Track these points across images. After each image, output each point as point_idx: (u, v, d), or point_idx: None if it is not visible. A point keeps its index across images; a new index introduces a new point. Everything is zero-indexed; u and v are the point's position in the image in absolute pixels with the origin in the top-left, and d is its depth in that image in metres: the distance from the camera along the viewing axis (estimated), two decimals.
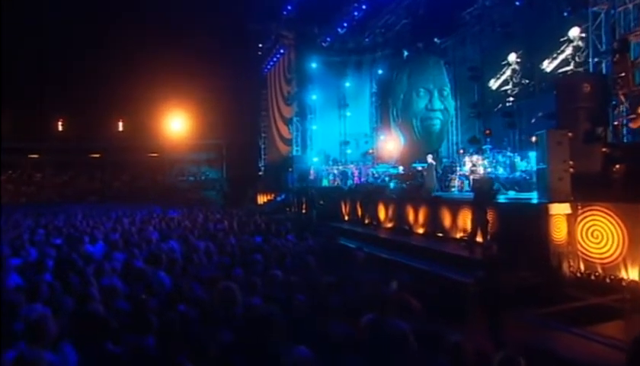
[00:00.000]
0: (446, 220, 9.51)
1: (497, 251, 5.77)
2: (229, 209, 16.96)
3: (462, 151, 17.02)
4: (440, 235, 9.50)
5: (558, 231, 6.85)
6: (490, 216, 7.69)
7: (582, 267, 6.78)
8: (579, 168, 7.17)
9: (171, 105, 34.07)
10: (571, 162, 7.09)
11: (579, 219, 6.87)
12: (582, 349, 4.54)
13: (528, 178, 13.06)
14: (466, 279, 6.99)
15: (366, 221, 12.75)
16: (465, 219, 8.86)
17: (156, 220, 11.93)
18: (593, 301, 5.63)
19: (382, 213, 12.21)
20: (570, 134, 7.12)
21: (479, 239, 7.92)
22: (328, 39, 20.95)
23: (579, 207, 6.89)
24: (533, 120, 15.12)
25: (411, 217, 10.87)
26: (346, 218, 14.47)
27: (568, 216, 6.89)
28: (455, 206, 9.37)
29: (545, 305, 6.16)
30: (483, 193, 7.55)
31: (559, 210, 6.88)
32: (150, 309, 3.96)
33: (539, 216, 6.96)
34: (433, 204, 10.08)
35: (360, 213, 13.34)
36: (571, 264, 6.80)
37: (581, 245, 6.81)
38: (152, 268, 5.63)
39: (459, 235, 9.13)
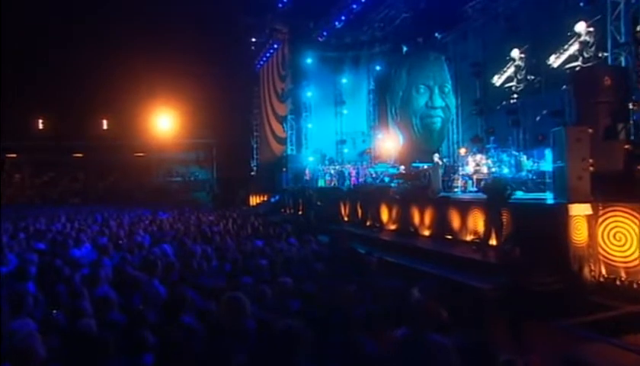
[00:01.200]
0: (455, 222, 9.29)
1: (519, 255, 5.53)
2: (221, 210, 16.58)
3: (464, 150, 16.94)
4: (449, 237, 9.27)
5: (579, 233, 6.65)
6: (504, 217, 7.48)
7: (604, 271, 6.59)
8: (599, 167, 6.99)
9: (158, 103, 33.55)
10: (590, 160, 6.90)
11: (600, 220, 6.68)
12: (621, 361, 4.33)
13: (535, 177, 12.99)
14: (481, 284, 6.78)
15: (368, 223, 12.53)
16: (476, 220, 8.65)
17: (146, 223, 11.56)
18: (629, 309, 5.43)
19: (384, 215, 11.98)
20: (590, 130, 6.93)
21: (493, 241, 7.70)
22: (325, 33, 20.68)
23: (600, 208, 6.70)
24: (538, 118, 15.07)
25: (416, 219, 10.65)
26: (345, 219, 14.23)
27: (589, 217, 6.70)
28: (464, 206, 9.16)
29: (569, 312, 5.96)
30: (497, 193, 7.33)
31: (579, 210, 6.68)
32: (148, 323, 3.65)
33: (558, 217, 6.76)
34: (441, 205, 9.86)
35: (360, 214, 13.12)
36: (592, 268, 6.61)
37: (603, 248, 6.62)
38: (146, 276, 5.31)
39: (469, 237, 8.92)
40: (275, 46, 24.37)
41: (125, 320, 3.76)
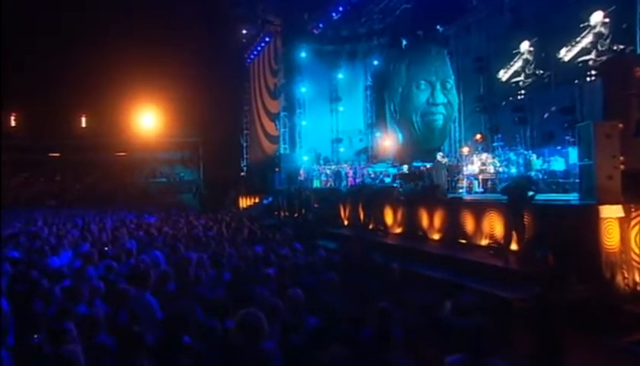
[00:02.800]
0: (469, 225, 8.98)
1: (553, 262, 5.20)
2: (212, 213, 16.10)
3: (467, 149, 16.71)
4: (463, 241, 8.94)
5: (610, 237, 6.35)
6: (526, 220, 7.16)
7: (638, 278, 6.30)
8: (631, 165, 6.71)
9: (141, 99, 32.85)
10: (621, 158, 6.62)
11: (633, 223, 6.39)
12: None
13: (546, 177, 12.78)
14: (506, 293, 6.46)
15: (370, 226, 12.19)
16: (492, 223, 8.34)
17: (131, 227, 11.03)
18: None
19: (389, 217, 11.66)
20: (620, 125, 6.65)
21: (514, 246, 7.38)
22: (320, 25, 20.40)
23: (632, 210, 6.42)
24: (546, 115, 14.91)
25: (424, 222, 10.33)
26: (345, 223, 13.87)
27: (621, 219, 6.41)
28: (478, 208, 8.85)
29: (602, 324, 5.66)
30: (519, 193, 7.01)
31: (611, 212, 6.38)
32: (145, 346, 3.21)
33: (588, 220, 6.45)
34: (452, 207, 9.55)
35: (362, 217, 12.75)
36: (626, 275, 6.31)
37: (636, 254, 6.34)
38: (136, 288, 4.85)
39: (484, 241, 8.60)
40: (267, 38, 24.01)
41: (116, 343, 3.30)
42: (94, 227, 11.37)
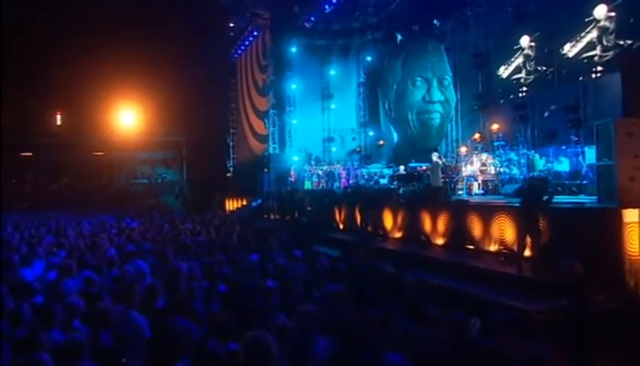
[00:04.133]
0: (476, 229, 8.72)
1: (581, 271, 4.93)
2: (198, 216, 15.65)
3: (465, 148, 16.54)
4: (471, 247, 8.68)
5: (633, 243, 6.13)
6: (542, 224, 6.90)
7: None
8: None
9: (120, 95, 32.17)
10: None
11: None
12: None
13: (550, 178, 12.62)
14: (523, 304, 6.18)
15: (368, 230, 11.89)
16: (502, 228, 8.09)
17: (112, 232, 10.53)
18: None
19: (388, 221, 11.41)
20: None
21: (527, 252, 7.12)
22: (312, 18, 20.05)
23: None
24: (547, 114, 14.81)
25: (427, 226, 10.08)
26: (341, 226, 13.61)
27: None
28: (487, 212, 8.60)
29: (629, 336, 5.40)
30: (535, 196, 6.75)
31: (634, 216, 6.16)
32: None
33: (609, 224, 6.23)
34: (458, 210, 9.29)
35: (359, 220, 12.49)
36: None
37: None
38: (120, 304, 4.42)
39: (493, 247, 8.34)
40: (255, 32, 23.61)
41: None
42: (72, 232, 10.84)
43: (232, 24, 25.28)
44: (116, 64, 27.77)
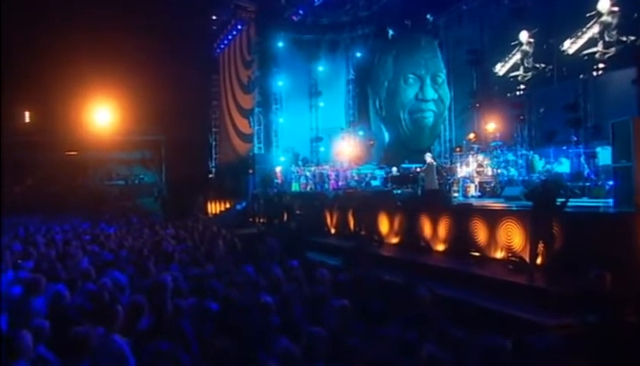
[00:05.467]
0: (480, 235, 8.46)
1: (610, 282, 4.66)
2: (179, 220, 15.13)
3: (459, 149, 16.38)
4: (476, 254, 8.40)
5: None
6: (555, 230, 6.65)
7: None
8: None
9: (94, 92, 31.33)
10: None
11: None
12: None
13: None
14: (539, 318, 5.90)
15: (363, 235, 11.58)
16: (510, 233, 7.84)
17: (86, 238, 9.97)
18: None
19: (384, 226, 11.12)
20: None
21: (539, 260, 6.85)
22: (300, 12, 19.78)
23: None
24: (542, 109, 14.73)
25: (426, 231, 9.80)
26: (332, 231, 13.29)
27: None
28: (492, 216, 8.35)
29: None
30: (548, 199, 6.49)
31: None
32: None
33: (630, 231, 5.98)
34: (460, 215, 9.01)
35: (352, 225, 12.19)
36: None
37: None
38: (99, 326, 3.98)
39: (499, 254, 8.08)
40: (239, 26, 23.22)
41: None
42: (41, 239, 10.22)
43: (214, 17, 24.95)
44: (90, 58, 27.02)
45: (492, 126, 15.46)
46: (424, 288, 4.54)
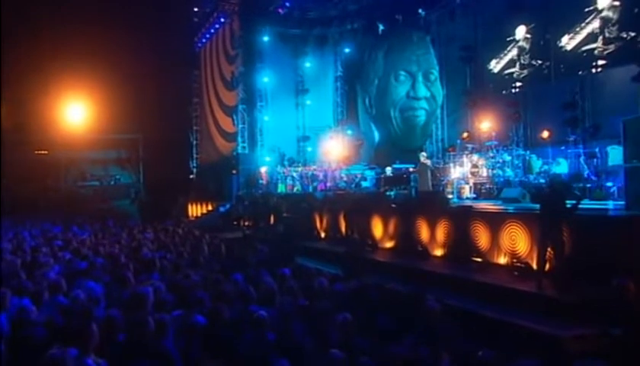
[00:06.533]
0: (482, 239, 8.24)
1: (634, 291, 4.43)
2: (157, 223, 14.72)
3: (452, 149, 16.25)
4: (477, 259, 8.18)
5: None
6: (565, 234, 6.43)
7: None
8: None
9: (67, 87, 30.57)
10: None
11: None
12: None
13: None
14: (549, 329, 5.67)
15: (356, 239, 11.33)
16: (515, 237, 7.62)
17: (57, 244, 9.48)
18: None
19: (377, 229, 10.89)
20: None
21: (547, 266, 6.63)
22: (286, 4, 19.58)
23: None
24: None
25: (424, 235, 9.56)
26: (322, 235, 13.08)
27: None
28: (495, 219, 8.14)
29: None
30: (556, 201, 6.27)
31: None
32: None
33: None
34: (460, 217, 8.79)
35: (344, 228, 11.94)
36: None
37: None
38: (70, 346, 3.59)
39: (502, 259, 7.87)
40: (222, 19, 22.85)
41: None
42: (7, 245, 9.69)
43: (195, 9, 24.66)
44: (63, 52, 26.39)
45: (486, 125, 15.34)
46: (432, 299, 4.24)
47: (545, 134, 14.35)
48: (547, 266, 6.60)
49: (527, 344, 5.73)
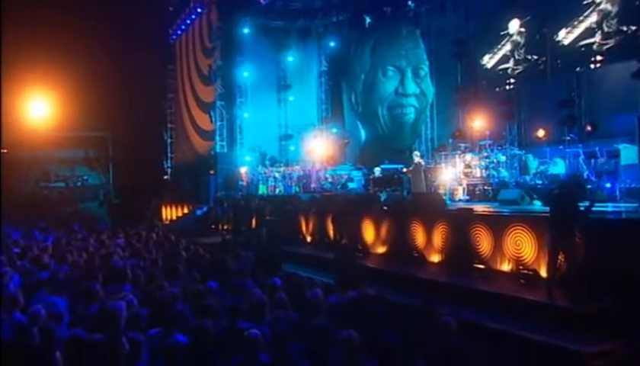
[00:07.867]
0: (484, 244, 8.01)
1: None
2: (129, 228, 14.26)
3: (443, 149, 16.16)
4: (480, 266, 7.94)
5: None
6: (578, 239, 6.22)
7: None
8: None
9: (29, 82, 29.75)
10: None
11: None
12: None
13: (546, 182, 12.28)
14: (564, 343, 5.43)
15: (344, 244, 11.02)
16: (520, 242, 7.41)
17: (15, 252, 8.93)
18: None
19: (368, 234, 10.64)
20: None
21: (558, 273, 6.42)
22: None
23: None
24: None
25: (419, 239, 9.32)
26: (308, 239, 12.82)
27: None
28: (498, 223, 7.91)
29: None
30: (569, 203, 6.06)
31: None
32: None
33: None
34: (459, 221, 8.57)
35: (332, 233, 11.71)
36: None
37: None
38: None
39: (506, 266, 7.66)
40: (198, 9, 22.51)
41: None
42: None
43: None
44: (25, 43, 25.55)
45: (479, 123, 15.30)
46: (447, 314, 3.92)
47: (541, 133, 14.38)
48: (558, 273, 6.39)
49: (542, 360, 5.50)
